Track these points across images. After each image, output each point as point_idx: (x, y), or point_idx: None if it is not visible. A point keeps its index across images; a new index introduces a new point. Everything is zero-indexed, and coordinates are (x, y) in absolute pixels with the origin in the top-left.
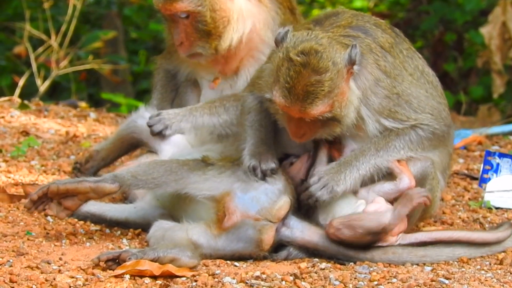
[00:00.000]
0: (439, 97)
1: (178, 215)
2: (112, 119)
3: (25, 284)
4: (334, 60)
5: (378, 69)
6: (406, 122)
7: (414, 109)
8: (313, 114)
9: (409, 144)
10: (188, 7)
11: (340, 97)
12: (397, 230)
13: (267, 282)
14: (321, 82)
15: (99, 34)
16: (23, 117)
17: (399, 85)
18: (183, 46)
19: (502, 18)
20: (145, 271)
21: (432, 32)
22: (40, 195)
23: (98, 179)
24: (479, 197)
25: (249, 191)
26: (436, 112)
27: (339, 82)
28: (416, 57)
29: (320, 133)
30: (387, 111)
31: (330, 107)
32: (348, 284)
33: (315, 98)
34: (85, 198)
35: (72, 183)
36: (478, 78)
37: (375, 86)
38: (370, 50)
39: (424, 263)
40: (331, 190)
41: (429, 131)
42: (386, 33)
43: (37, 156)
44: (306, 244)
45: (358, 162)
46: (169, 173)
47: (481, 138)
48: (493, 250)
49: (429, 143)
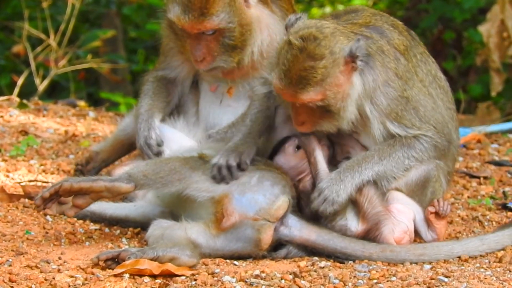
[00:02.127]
0: (449, 102)
1: (177, 213)
2: (111, 118)
3: (25, 283)
4: (332, 49)
5: (389, 70)
6: (410, 129)
7: (420, 117)
8: (303, 99)
9: (413, 154)
10: (220, 25)
11: (335, 88)
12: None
13: (267, 281)
14: (314, 68)
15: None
16: (22, 117)
17: (409, 89)
18: (205, 62)
19: (500, 16)
20: (145, 270)
21: (431, 31)
22: (52, 193)
23: (113, 178)
24: (478, 195)
25: (246, 193)
26: (440, 126)
27: (334, 72)
28: (430, 62)
29: (320, 125)
30: (394, 114)
31: (322, 96)
32: (347, 283)
33: (307, 84)
34: (98, 197)
35: (87, 182)
36: (477, 76)
37: (384, 86)
38: (382, 51)
39: (423, 262)
40: (332, 202)
41: (431, 143)
42: (403, 35)
43: (36, 155)
44: (305, 242)
45: (361, 168)
46: (173, 172)
47: (480, 136)
48: (492, 248)
49: (432, 154)
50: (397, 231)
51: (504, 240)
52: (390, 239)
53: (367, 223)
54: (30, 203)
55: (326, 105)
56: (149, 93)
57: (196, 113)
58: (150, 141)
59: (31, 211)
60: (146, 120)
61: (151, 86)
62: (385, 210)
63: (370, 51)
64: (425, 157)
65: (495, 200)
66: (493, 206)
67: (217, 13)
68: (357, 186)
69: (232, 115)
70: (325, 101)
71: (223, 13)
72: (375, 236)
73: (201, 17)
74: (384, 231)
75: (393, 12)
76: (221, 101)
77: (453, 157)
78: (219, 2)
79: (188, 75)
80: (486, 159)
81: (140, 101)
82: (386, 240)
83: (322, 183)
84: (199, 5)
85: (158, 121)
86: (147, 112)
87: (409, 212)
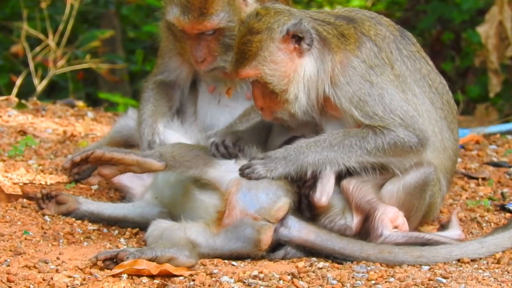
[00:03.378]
0: (441, 104)
1: (176, 214)
2: (110, 119)
3: (23, 283)
4: (271, 25)
5: (349, 52)
6: (372, 119)
7: (385, 105)
8: (241, 74)
9: (366, 146)
10: (220, 24)
11: (272, 65)
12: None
13: (265, 281)
14: (250, 41)
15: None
16: (20, 117)
17: (374, 75)
18: (206, 62)
19: (499, 17)
20: (143, 271)
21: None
22: (83, 158)
23: (146, 153)
24: (476, 196)
25: (251, 189)
26: (409, 120)
27: (270, 48)
28: (423, 62)
29: (276, 111)
30: (357, 99)
31: (257, 71)
32: (345, 284)
33: (244, 57)
34: (126, 170)
35: (119, 153)
36: (476, 77)
37: (344, 67)
38: (342, 35)
39: (421, 264)
40: (270, 169)
41: (393, 139)
42: (383, 27)
43: (35, 155)
44: (303, 243)
45: (308, 150)
46: (198, 157)
47: (478, 137)
48: (492, 251)
49: (392, 151)
50: (391, 211)
51: (504, 243)
52: (385, 219)
53: (361, 213)
54: (29, 203)
55: (266, 83)
56: (151, 99)
57: (194, 113)
58: (154, 146)
59: (30, 211)
60: (151, 126)
61: (151, 93)
62: (377, 198)
63: (325, 35)
64: (379, 153)
65: (494, 201)
66: (492, 207)
67: (216, 13)
68: (298, 167)
69: (230, 116)
70: (262, 78)
71: (222, 12)
72: (370, 223)
73: (200, 17)
74: (377, 214)
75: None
76: (219, 101)
77: (451, 159)
78: (218, 1)
79: (188, 77)
80: (485, 160)
81: (142, 108)
82: (381, 221)
83: (269, 153)
84: (199, 5)
85: (162, 127)
86: (151, 117)
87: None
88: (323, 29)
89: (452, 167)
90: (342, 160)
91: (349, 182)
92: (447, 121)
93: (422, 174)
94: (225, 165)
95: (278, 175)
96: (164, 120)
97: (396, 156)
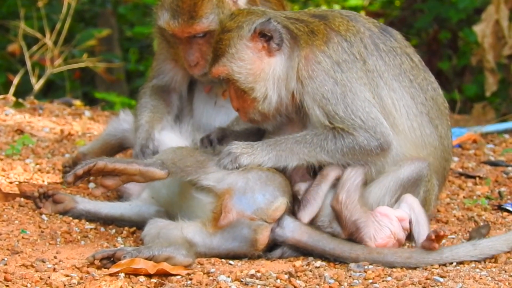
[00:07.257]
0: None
1: (173, 212)
2: (107, 118)
3: (20, 282)
4: (241, 24)
5: (315, 48)
6: (333, 119)
7: (346, 105)
8: (212, 72)
9: (326, 147)
10: (210, 27)
11: (240, 63)
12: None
13: (262, 280)
14: (221, 40)
15: (94, 32)
16: (17, 116)
17: (340, 72)
18: (199, 66)
19: (495, 16)
20: (140, 270)
21: (426, 31)
22: (86, 171)
23: (148, 162)
24: (473, 196)
25: (247, 192)
26: (370, 123)
27: (239, 46)
28: (405, 57)
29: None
30: (320, 96)
31: (225, 69)
32: (343, 283)
33: (216, 55)
34: (129, 180)
35: (121, 163)
36: (473, 76)
37: (308, 62)
38: (312, 32)
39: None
40: (234, 160)
41: (351, 143)
42: (358, 23)
43: (32, 154)
44: (296, 243)
45: (270, 148)
46: (198, 162)
47: (475, 136)
48: (485, 253)
49: (351, 153)
50: (379, 237)
51: (498, 245)
52: (368, 242)
53: (347, 231)
54: (26, 202)
55: (234, 80)
56: (148, 105)
57: (189, 112)
58: (146, 150)
59: (27, 210)
60: (147, 131)
61: (149, 99)
62: (365, 216)
63: (296, 32)
64: (337, 155)
65: (491, 200)
66: (489, 207)
67: (206, 15)
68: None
69: (226, 116)
70: (230, 75)
71: (212, 15)
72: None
73: (190, 20)
74: (364, 238)
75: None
76: (215, 102)
77: (434, 155)
78: (207, 4)
79: (184, 79)
80: (482, 159)
81: (139, 114)
82: (365, 243)
83: (236, 146)
84: (188, 9)
85: (158, 133)
86: (148, 123)
87: (397, 214)
88: (295, 27)
89: (436, 164)
90: (307, 157)
91: (336, 200)
92: (429, 117)
93: (415, 168)
94: (223, 171)
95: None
96: (160, 126)
97: (355, 159)
